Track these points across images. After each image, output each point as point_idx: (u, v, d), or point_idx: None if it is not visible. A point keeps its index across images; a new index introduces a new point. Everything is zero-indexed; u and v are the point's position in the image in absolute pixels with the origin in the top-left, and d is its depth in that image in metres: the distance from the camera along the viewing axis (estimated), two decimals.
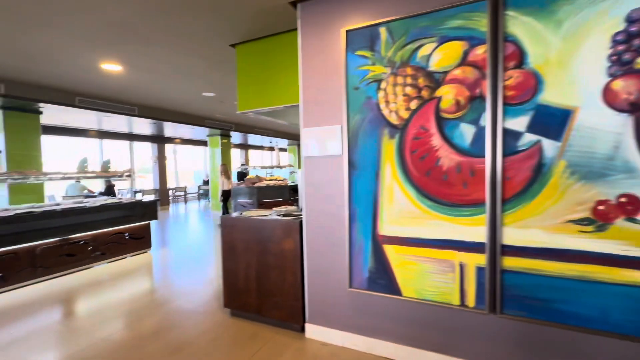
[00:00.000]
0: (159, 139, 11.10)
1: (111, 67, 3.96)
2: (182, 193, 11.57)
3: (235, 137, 10.69)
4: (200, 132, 9.70)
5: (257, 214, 2.80)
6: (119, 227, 4.60)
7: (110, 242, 4.51)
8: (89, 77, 4.40)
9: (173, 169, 12.72)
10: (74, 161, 10.44)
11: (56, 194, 8.42)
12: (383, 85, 1.99)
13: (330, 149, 2.24)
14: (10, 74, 4.26)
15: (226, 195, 6.97)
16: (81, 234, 4.13)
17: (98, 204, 4.39)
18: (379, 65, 2.00)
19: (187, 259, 4.69)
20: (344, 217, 2.19)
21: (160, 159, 10.90)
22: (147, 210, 5.02)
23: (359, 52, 2.05)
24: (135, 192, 9.80)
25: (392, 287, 2.04)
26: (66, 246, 4.00)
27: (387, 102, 1.99)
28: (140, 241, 4.92)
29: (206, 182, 12.55)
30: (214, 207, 9.20)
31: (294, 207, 3.24)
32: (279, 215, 2.67)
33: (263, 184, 7.61)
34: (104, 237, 4.42)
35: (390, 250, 2.03)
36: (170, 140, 11.48)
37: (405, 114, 1.94)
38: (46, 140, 5.42)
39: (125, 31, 2.94)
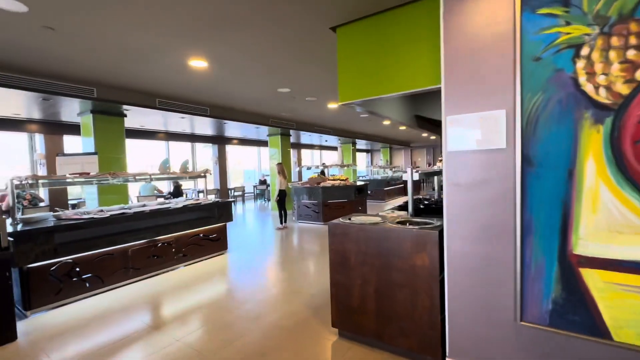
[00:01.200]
0: (219, 140, 11.37)
1: (198, 63, 3.85)
2: (240, 193, 11.74)
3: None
4: (257, 132, 9.69)
5: (367, 220, 2.40)
6: (198, 229, 4.54)
7: (191, 243, 4.45)
8: (170, 77, 4.37)
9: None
10: (147, 162, 11.11)
11: (131, 194, 8.94)
12: (584, 51, 1.46)
13: (488, 141, 1.75)
14: (101, 78, 4.38)
15: (282, 195, 6.76)
16: (165, 235, 4.10)
17: (180, 205, 4.34)
18: (578, 25, 1.46)
19: (262, 263, 4.48)
20: (511, 229, 1.69)
21: (221, 159, 11.15)
22: (223, 212, 4.92)
23: (543, 10, 1.53)
24: (199, 192, 10.09)
25: (593, 326, 1.50)
26: (153, 248, 3.98)
27: (590, 74, 1.45)
28: (217, 243, 4.84)
29: (262, 182, 12.63)
30: (274, 207, 9.12)
31: (403, 213, 2.79)
32: (397, 223, 2.24)
33: (328, 184, 7.28)
34: (185, 238, 4.37)
35: (591, 275, 1.49)
36: (229, 140, 11.71)
37: (624, 89, 1.38)
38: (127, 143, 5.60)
39: (215, 19, 2.71)
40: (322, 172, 8.73)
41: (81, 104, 4.91)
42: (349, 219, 2.48)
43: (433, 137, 14.15)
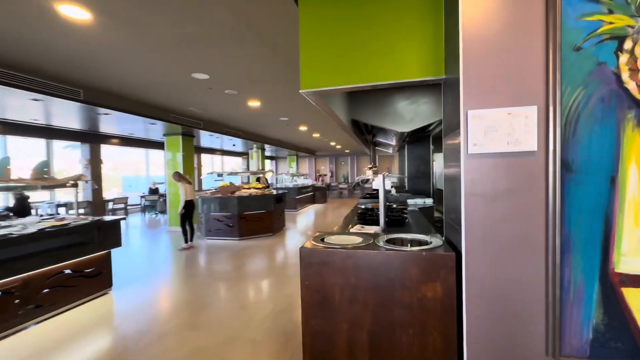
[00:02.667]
0: (92, 137, 8.84)
1: (73, 11, 2.57)
2: (122, 205, 9.40)
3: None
4: (148, 130, 7.93)
5: (348, 240, 1.86)
6: (64, 263, 3.08)
7: (52, 286, 2.97)
8: (21, 29, 2.86)
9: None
10: None
11: None
12: (627, 45, 1.31)
13: (517, 143, 1.47)
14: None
15: (189, 207, 5.59)
16: (3, 280, 2.57)
17: (33, 230, 2.83)
18: (621, 15, 1.31)
19: (166, 301, 3.36)
20: (544, 246, 1.43)
21: (94, 162, 8.67)
22: (107, 234, 3.52)
23: None
24: (58, 205, 7.52)
25: (638, 353, 1.34)
26: None
27: (633, 70, 1.30)
28: (96, 280, 3.41)
29: (153, 191, 10.49)
30: (173, 222, 7.53)
31: (375, 228, 2.36)
32: (387, 243, 1.78)
33: (245, 193, 6.38)
34: (39, 280, 2.87)
35: (634, 296, 1.33)
36: (106, 139, 9.27)
37: None
38: None
39: None
40: (259, 179, 7.74)
41: None
42: (322, 240, 1.88)
43: (339, 147, 14.69)
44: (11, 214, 6.16)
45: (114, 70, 3.90)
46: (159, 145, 10.61)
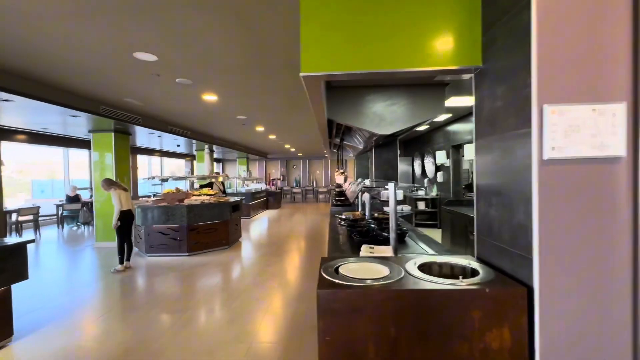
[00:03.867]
0: None
1: None
2: (31, 217, 7.62)
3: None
4: (67, 123, 6.52)
5: (370, 271, 1.41)
6: None
7: None
8: None
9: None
10: None
11: None
12: None
13: (603, 147, 1.17)
14: None
15: (127, 219, 4.63)
16: None
17: None
18: None
19: (95, 355, 2.51)
20: (630, 280, 1.15)
21: None
22: (6, 266, 2.53)
23: None
24: None
25: None
26: None
27: None
28: None
29: (73, 199, 8.76)
30: (101, 236, 6.24)
31: (384, 248, 1.94)
32: (432, 277, 1.37)
33: (196, 200, 5.52)
34: None
35: None
36: (8, 134, 7.43)
37: None
38: None
39: None
40: (210, 185, 6.75)
41: None
42: (337, 272, 1.40)
43: (293, 149, 14.18)
44: None
45: (20, 39, 2.89)
46: (82, 143, 8.94)
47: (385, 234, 2.34)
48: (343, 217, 3.47)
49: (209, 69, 3.69)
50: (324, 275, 1.38)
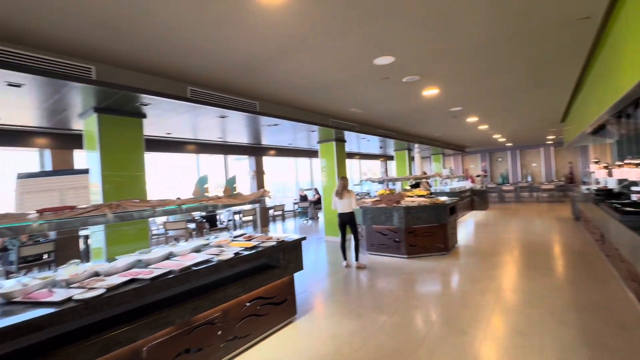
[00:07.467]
0: (255, 150, 9.81)
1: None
2: (280, 212, 10.03)
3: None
4: (298, 138, 7.99)
5: None
6: (255, 290, 2.78)
7: (245, 315, 2.69)
8: (210, 31, 2.72)
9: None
10: (171, 183, 9.70)
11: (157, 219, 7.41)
12: None
13: None
14: (103, 49, 2.79)
15: (351, 219, 4.96)
16: (205, 311, 2.35)
17: (229, 254, 2.60)
18: None
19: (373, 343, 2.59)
20: None
21: (258, 173, 9.54)
22: (291, 257, 3.14)
23: None
24: (235, 213, 8.48)
25: None
26: (185, 336, 2.24)
27: None
28: (279, 308, 3.04)
29: (303, 198, 10.91)
30: (329, 231, 7.29)
31: None
32: None
33: (413, 202, 5.36)
34: (236, 309, 2.61)
35: None
36: (265, 150, 10.13)
37: None
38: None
39: None
40: (417, 185, 6.87)
41: (82, 96, 3.36)
42: None
43: (503, 139, 11.90)
44: (202, 221, 7.16)
45: (283, 74, 3.57)
46: (303, 153, 10.99)
47: None
48: None
49: (439, 59, 3.32)
50: None
